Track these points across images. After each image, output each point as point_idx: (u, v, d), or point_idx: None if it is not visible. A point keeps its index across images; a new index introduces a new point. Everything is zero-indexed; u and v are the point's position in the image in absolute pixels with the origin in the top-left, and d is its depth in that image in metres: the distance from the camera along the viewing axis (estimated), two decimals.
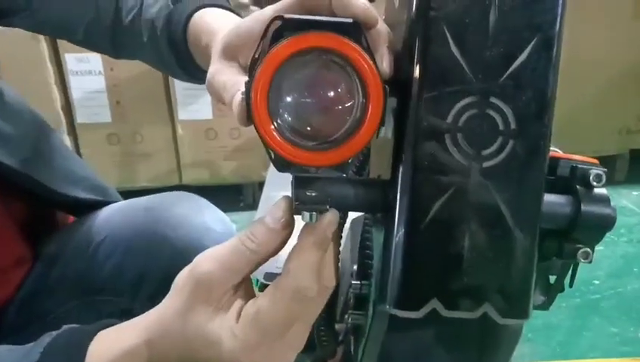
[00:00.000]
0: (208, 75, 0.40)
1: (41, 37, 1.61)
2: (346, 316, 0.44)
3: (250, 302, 0.35)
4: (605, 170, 0.35)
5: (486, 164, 0.31)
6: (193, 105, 1.76)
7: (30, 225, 0.72)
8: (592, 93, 1.86)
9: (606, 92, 1.91)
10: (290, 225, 0.35)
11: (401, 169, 0.32)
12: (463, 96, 0.31)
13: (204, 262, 0.35)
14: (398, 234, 0.32)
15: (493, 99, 0.31)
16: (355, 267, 0.45)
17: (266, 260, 0.36)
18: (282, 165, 0.32)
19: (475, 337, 0.35)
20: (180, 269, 0.74)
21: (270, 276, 0.77)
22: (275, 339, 0.34)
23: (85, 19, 0.60)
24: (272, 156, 0.32)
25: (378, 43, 0.32)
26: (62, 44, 1.64)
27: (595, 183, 0.35)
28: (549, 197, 0.34)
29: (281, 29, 0.30)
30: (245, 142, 1.83)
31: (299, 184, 0.33)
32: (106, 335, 0.39)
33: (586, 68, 1.75)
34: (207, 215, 0.73)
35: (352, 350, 0.43)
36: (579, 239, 0.35)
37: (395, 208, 0.32)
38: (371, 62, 0.30)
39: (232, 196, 1.91)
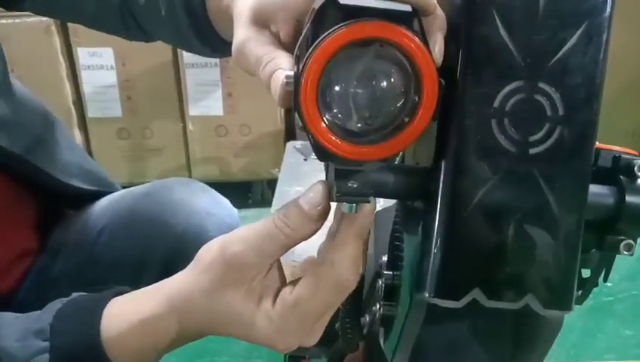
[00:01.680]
0: (236, 44, 0.38)
1: (54, 31, 1.61)
2: (375, 307, 0.44)
3: (288, 288, 0.35)
4: None
5: (532, 151, 0.30)
6: (204, 101, 1.75)
7: (40, 219, 0.71)
8: (604, 96, 1.85)
9: (618, 94, 1.90)
10: (326, 213, 0.34)
11: (445, 154, 0.31)
12: (510, 81, 0.30)
13: (235, 243, 0.35)
14: (441, 221, 0.31)
15: (541, 84, 0.30)
16: (385, 258, 0.44)
17: (297, 244, 0.35)
18: (325, 156, 0.31)
19: (514, 330, 0.34)
20: (181, 256, 0.73)
21: None
22: (309, 326, 0.35)
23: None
24: (314, 145, 0.31)
25: (433, 30, 0.31)
26: (74, 38, 1.64)
27: (639, 173, 0.34)
28: (591, 188, 0.33)
29: (334, 14, 0.29)
30: (255, 139, 1.82)
31: (340, 175, 0.32)
32: (121, 301, 0.38)
33: None
34: (207, 199, 0.72)
35: (382, 342, 0.42)
36: (621, 231, 0.34)
37: (438, 195, 0.31)
38: (429, 58, 0.29)
39: (241, 193, 1.91)
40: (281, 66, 0.33)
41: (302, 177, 1.10)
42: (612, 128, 1.94)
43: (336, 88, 0.29)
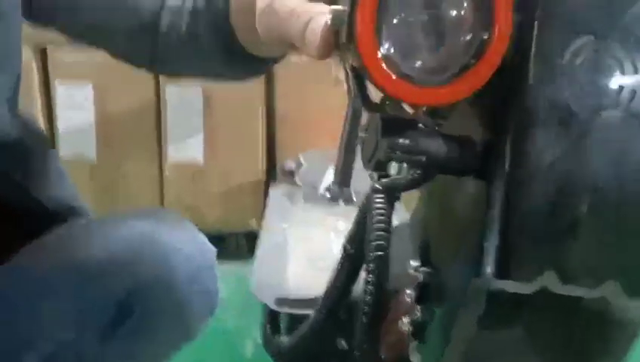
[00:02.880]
0: (263, 2, 0.36)
1: (33, 64, 1.56)
2: (401, 321, 0.39)
3: None
4: None
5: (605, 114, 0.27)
6: (183, 146, 1.71)
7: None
8: None
9: None
10: None
11: (512, 116, 0.27)
12: (580, 35, 0.27)
13: None
14: (509, 193, 0.27)
15: (611, 42, 0.27)
16: (413, 263, 0.39)
17: None
18: (372, 104, 0.27)
19: (585, 328, 0.29)
20: (140, 297, 0.65)
21: (281, 301, 0.70)
22: None
23: (125, 23, 0.56)
24: (362, 95, 0.28)
25: None
26: (53, 72, 1.60)
27: None
28: None
29: None
30: (234, 189, 1.77)
31: (387, 129, 0.28)
32: None
33: None
34: (177, 233, 0.65)
35: (414, 358, 0.36)
36: None
37: (505, 162, 0.27)
38: None
39: (215, 245, 1.83)
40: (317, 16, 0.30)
41: (288, 217, 1.06)
42: None
43: (395, 20, 0.26)
